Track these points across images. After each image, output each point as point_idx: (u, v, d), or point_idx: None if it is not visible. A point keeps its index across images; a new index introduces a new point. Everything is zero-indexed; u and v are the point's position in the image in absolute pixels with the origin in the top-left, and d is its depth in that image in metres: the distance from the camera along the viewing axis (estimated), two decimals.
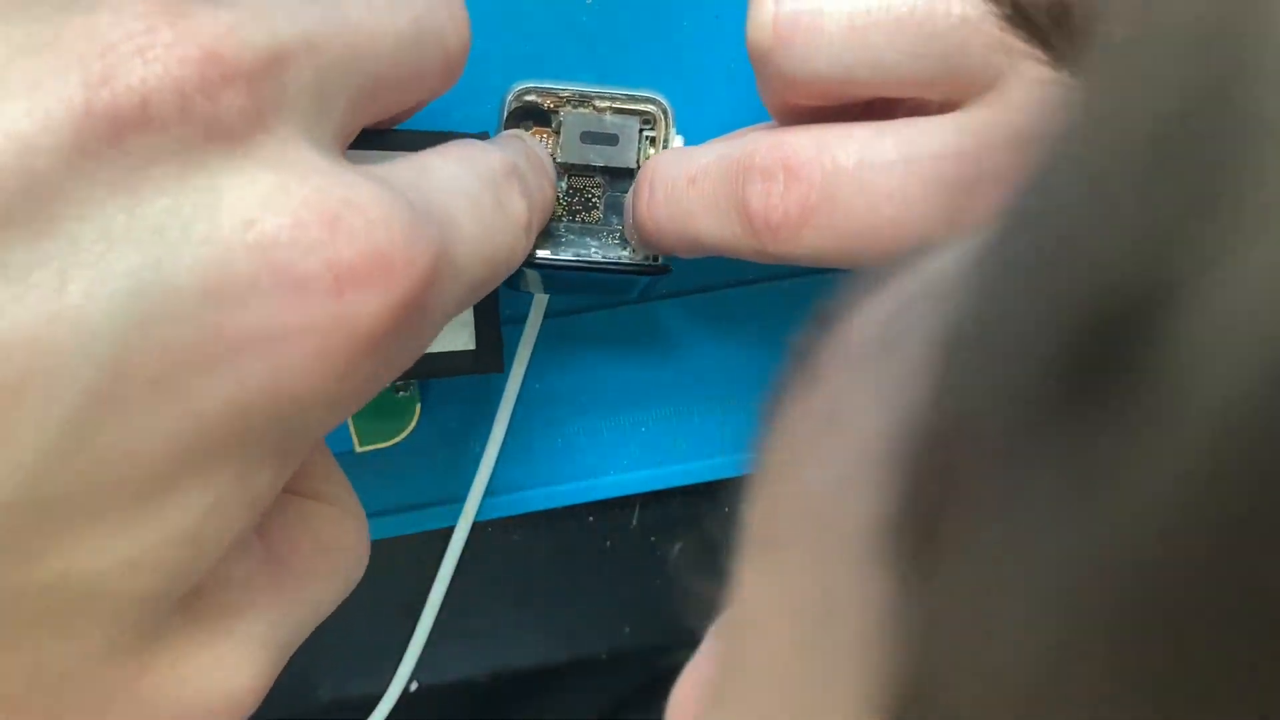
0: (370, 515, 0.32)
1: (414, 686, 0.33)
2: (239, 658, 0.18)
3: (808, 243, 0.22)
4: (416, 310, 0.17)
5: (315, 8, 0.18)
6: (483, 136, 0.25)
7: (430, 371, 0.27)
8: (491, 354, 0.27)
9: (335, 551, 0.22)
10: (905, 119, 0.22)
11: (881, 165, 0.22)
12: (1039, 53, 0.14)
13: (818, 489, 0.12)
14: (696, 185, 0.24)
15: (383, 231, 0.16)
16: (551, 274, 0.27)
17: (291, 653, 0.21)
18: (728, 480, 0.33)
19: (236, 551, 0.18)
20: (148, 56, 0.15)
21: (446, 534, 0.32)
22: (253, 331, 0.15)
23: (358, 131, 0.19)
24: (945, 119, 0.22)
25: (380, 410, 0.30)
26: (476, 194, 0.20)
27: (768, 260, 0.23)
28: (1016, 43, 0.17)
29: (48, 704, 0.17)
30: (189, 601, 0.18)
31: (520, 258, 0.21)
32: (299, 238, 0.16)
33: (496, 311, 0.27)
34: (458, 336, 0.27)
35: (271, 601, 0.19)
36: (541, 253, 0.26)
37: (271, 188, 0.16)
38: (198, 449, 0.16)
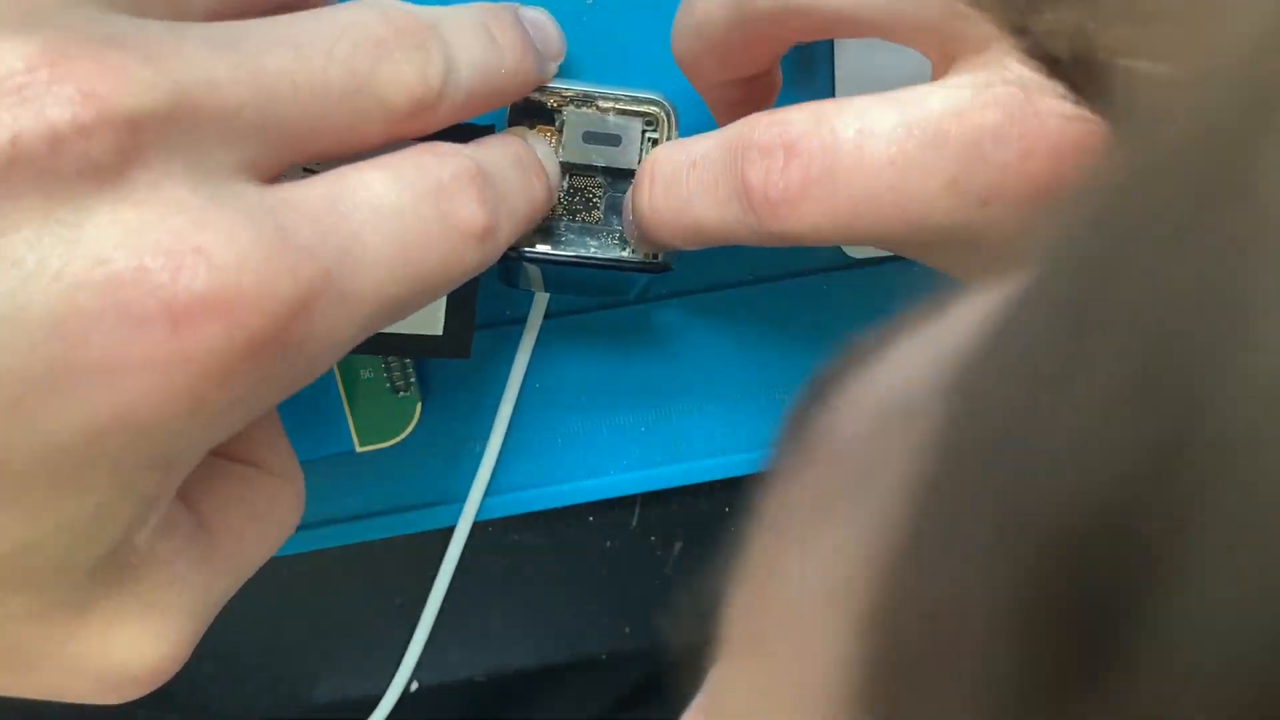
0: (370, 515, 0.32)
1: (414, 686, 0.33)
2: (164, 628, 0.20)
3: (808, 218, 0.22)
4: (279, 344, 0.18)
5: (228, 53, 0.18)
6: (489, 129, 0.25)
7: (395, 350, 0.27)
8: (459, 340, 0.27)
9: (266, 518, 0.23)
10: (903, 89, 0.22)
11: (881, 133, 0.21)
12: (1059, 88, 0.14)
13: (799, 595, 0.12)
14: (696, 170, 0.24)
15: (231, 274, 0.17)
16: (552, 271, 0.27)
17: (217, 612, 0.22)
18: (728, 480, 0.33)
19: (162, 530, 0.20)
20: (23, 95, 0.16)
21: (446, 534, 0.32)
22: (97, 364, 0.16)
23: (285, 164, 0.20)
24: (940, 83, 0.22)
25: (380, 410, 0.30)
26: (405, 209, 0.20)
27: (768, 242, 0.23)
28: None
29: None
30: (115, 577, 0.19)
31: (471, 267, 0.21)
32: (142, 279, 0.16)
33: (472, 302, 0.27)
34: (428, 321, 0.27)
35: (199, 571, 0.21)
36: (542, 247, 0.26)
37: (129, 228, 0.17)
38: (65, 462, 0.17)
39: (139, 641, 0.20)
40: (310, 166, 0.21)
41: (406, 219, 0.20)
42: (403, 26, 0.21)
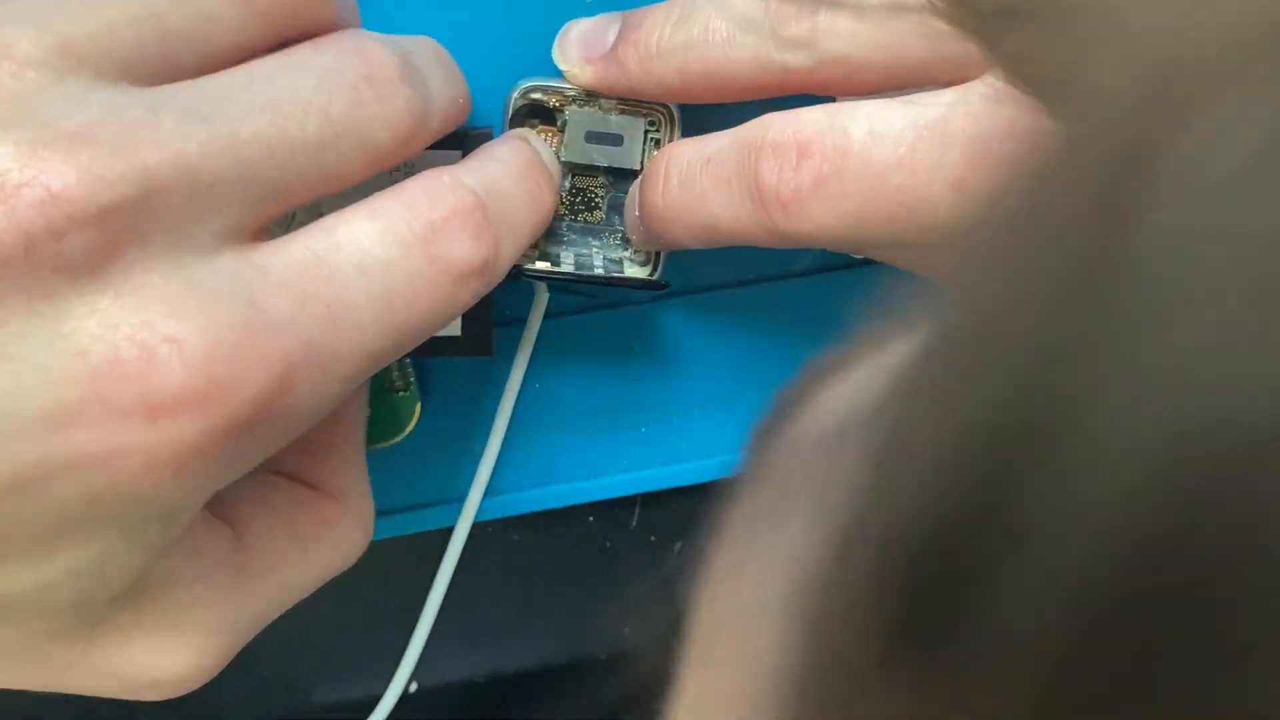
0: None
1: (414, 687, 0.33)
2: (183, 643, 0.21)
3: (818, 218, 0.22)
4: (258, 421, 0.19)
5: (201, 127, 0.19)
6: (487, 132, 0.25)
7: (420, 353, 0.27)
8: (480, 340, 0.27)
9: (315, 542, 0.24)
10: (917, 93, 0.22)
11: (890, 134, 0.22)
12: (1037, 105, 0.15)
13: (745, 608, 0.13)
14: (711, 166, 0.24)
15: (201, 367, 0.18)
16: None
17: (257, 629, 0.23)
18: (728, 480, 0.33)
19: (186, 555, 0.21)
20: None
21: (446, 534, 0.32)
22: (85, 449, 0.18)
23: (269, 219, 0.20)
24: (952, 88, 0.22)
25: (380, 410, 0.30)
26: (394, 262, 0.20)
27: (779, 242, 0.23)
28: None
29: (12, 666, 0.21)
30: (131, 600, 0.20)
31: (466, 303, 0.22)
32: (118, 371, 0.18)
33: (488, 300, 0.27)
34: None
35: (227, 592, 0.22)
36: (540, 264, 0.26)
37: (105, 320, 0.18)
38: (67, 524, 0.18)
39: (158, 653, 0.21)
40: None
41: (394, 273, 0.20)
42: (381, 63, 0.21)
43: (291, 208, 0.21)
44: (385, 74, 0.21)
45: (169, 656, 0.21)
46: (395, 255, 0.20)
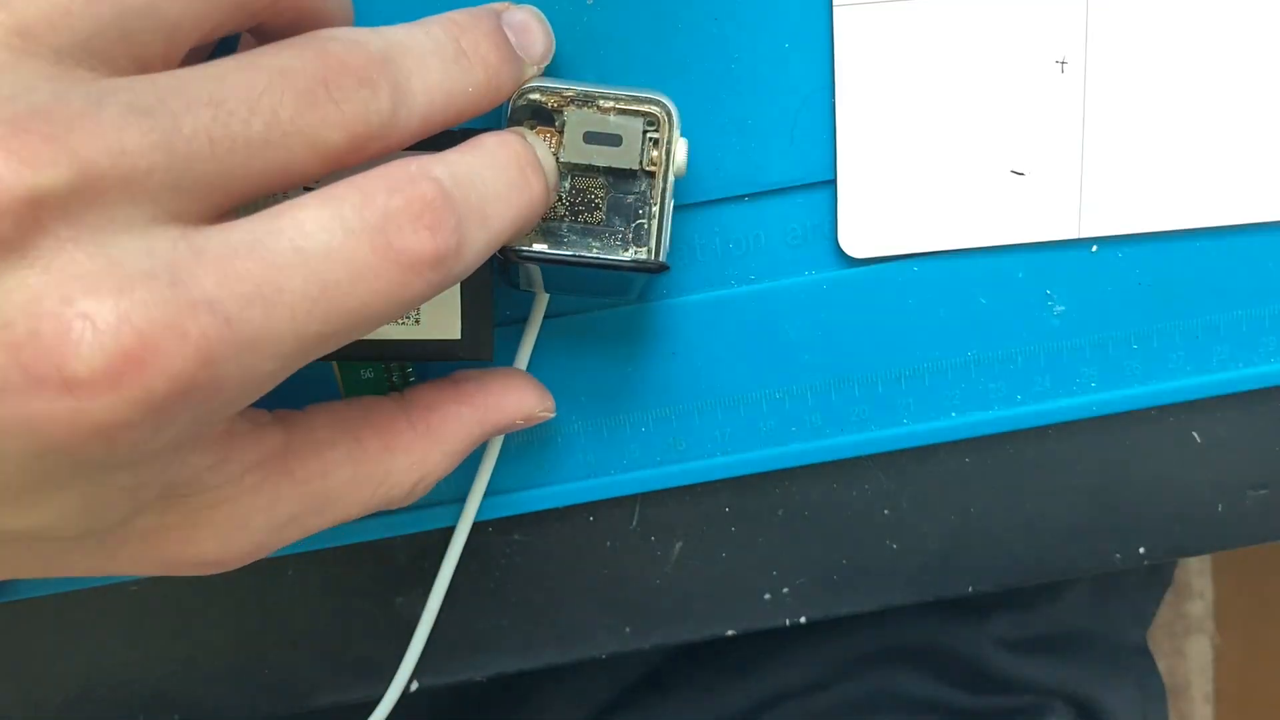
0: (370, 515, 0.32)
1: (414, 687, 0.33)
2: (212, 537, 0.23)
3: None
4: (182, 394, 0.19)
5: (141, 118, 0.19)
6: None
7: (412, 355, 0.27)
8: (479, 343, 0.27)
9: (368, 464, 0.25)
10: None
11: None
12: None
13: None
14: None
15: (112, 340, 0.18)
16: (551, 272, 0.27)
17: (304, 531, 0.25)
18: (728, 480, 0.33)
19: (209, 466, 0.22)
20: None
21: (447, 534, 0.32)
22: (14, 414, 0.18)
23: (219, 208, 0.21)
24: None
25: None
26: (334, 248, 0.20)
27: None
28: None
29: (46, 570, 0.23)
30: (150, 509, 0.22)
31: (422, 293, 0.21)
32: (36, 343, 0.18)
33: (488, 303, 0.27)
34: (444, 325, 0.27)
35: (261, 494, 0.24)
36: (539, 246, 0.26)
37: (31, 293, 0.18)
38: (30, 477, 0.19)
39: (186, 546, 0.23)
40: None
41: (334, 258, 0.20)
42: (344, 63, 0.21)
43: (246, 199, 0.21)
44: (343, 78, 0.21)
45: (198, 546, 0.23)
46: (337, 241, 0.20)
